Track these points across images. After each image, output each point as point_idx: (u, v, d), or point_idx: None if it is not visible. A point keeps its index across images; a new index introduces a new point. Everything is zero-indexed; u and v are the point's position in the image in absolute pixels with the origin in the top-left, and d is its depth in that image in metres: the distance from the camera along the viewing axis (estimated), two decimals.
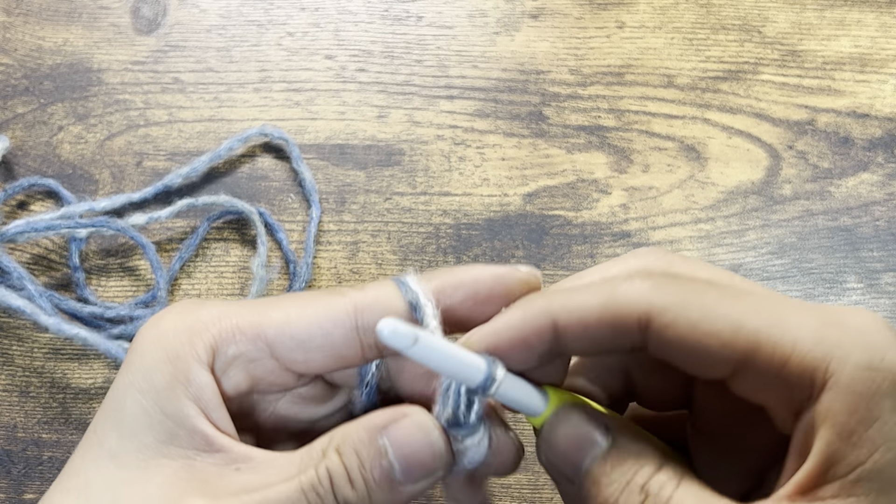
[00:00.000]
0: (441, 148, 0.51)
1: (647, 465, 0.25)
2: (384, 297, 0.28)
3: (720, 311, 0.24)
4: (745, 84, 0.53)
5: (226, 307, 0.28)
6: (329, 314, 0.28)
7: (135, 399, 0.26)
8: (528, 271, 0.29)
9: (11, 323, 0.47)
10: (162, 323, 0.27)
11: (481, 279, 0.28)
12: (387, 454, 0.26)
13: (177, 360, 0.26)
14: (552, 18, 0.55)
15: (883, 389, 0.23)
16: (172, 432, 0.26)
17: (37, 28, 0.54)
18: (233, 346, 0.27)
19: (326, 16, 0.55)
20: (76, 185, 0.50)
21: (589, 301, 0.25)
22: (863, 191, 0.50)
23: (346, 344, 0.28)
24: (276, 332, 0.27)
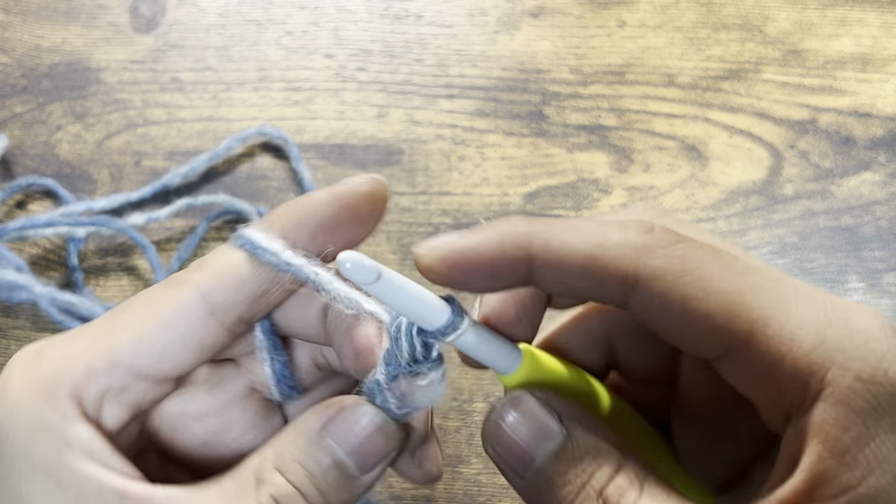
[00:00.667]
0: (441, 147, 0.51)
1: (605, 464, 0.23)
2: (227, 266, 0.25)
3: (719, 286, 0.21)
4: (747, 83, 0.53)
5: (68, 347, 0.25)
6: (177, 311, 0.25)
7: (27, 484, 0.24)
8: (367, 180, 0.26)
9: (10, 323, 0.47)
10: (10, 394, 0.24)
11: (321, 208, 0.26)
12: (336, 454, 0.24)
13: (45, 430, 0.24)
14: (552, 17, 0.54)
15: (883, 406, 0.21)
16: (79, 502, 0.24)
17: (35, 27, 0.54)
18: (93, 386, 0.25)
19: (325, 15, 0.54)
20: (74, 185, 0.50)
21: (575, 244, 0.22)
22: (864, 190, 0.50)
23: (207, 333, 0.25)
24: (131, 352, 0.25)
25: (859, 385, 0.21)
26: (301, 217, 0.26)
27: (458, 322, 0.24)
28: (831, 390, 0.21)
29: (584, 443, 0.23)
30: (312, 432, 0.25)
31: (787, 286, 0.22)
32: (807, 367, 0.21)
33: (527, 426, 0.24)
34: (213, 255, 0.26)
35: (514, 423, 0.24)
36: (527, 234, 0.23)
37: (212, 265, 0.26)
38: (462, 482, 0.43)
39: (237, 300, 0.25)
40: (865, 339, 0.21)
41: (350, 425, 0.25)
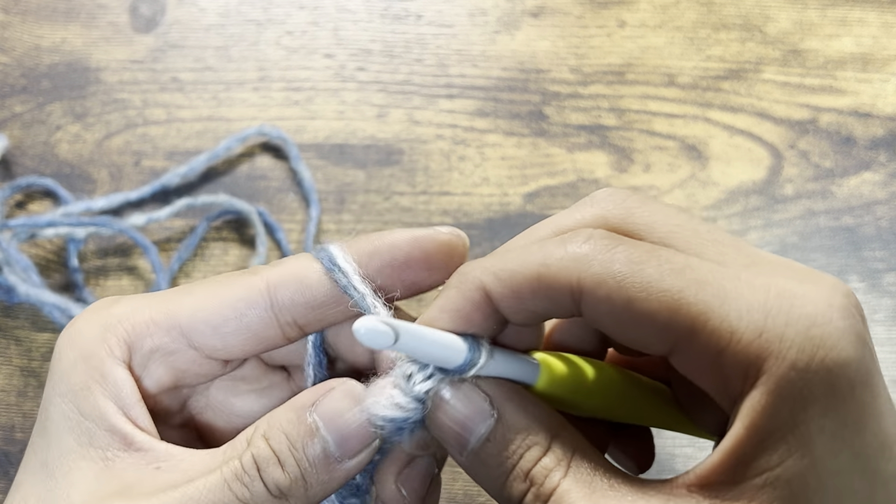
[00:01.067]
0: (441, 147, 0.51)
1: (533, 446, 0.24)
2: (298, 270, 0.27)
3: (658, 286, 0.22)
4: (747, 83, 0.53)
5: (139, 300, 0.27)
6: (241, 295, 0.26)
7: (56, 404, 0.26)
8: (448, 232, 0.27)
9: (9, 323, 0.47)
10: (76, 323, 0.26)
11: (398, 245, 0.27)
12: (318, 430, 0.25)
13: (90, 359, 0.26)
14: (553, 17, 0.54)
15: (814, 393, 0.21)
16: (91, 433, 0.25)
17: (35, 27, 0.54)
18: (148, 339, 0.26)
19: (325, 14, 0.54)
20: (74, 185, 0.50)
21: (521, 270, 0.24)
22: (865, 190, 0.50)
23: (263, 324, 0.27)
24: (189, 319, 0.26)
25: (793, 373, 0.21)
26: (377, 248, 0.27)
27: (477, 357, 0.25)
28: (765, 379, 0.21)
29: (513, 425, 0.24)
30: (303, 407, 0.25)
31: (729, 277, 0.23)
32: (745, 358, 0.22)
33: (461, 409, 0.25)
34: (291, 257, 0.27)
35: (449, 407, 0.25)
36: (479, 275, 0.24)
37: (285, 265, 0.27)
38: (462, 482, 0.43)
39: (297, 302, 0.26)
40: (806, 325, 0.22)
41: (335, 405, 0.25)
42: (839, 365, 0.21)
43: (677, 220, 0.25)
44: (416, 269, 0.27)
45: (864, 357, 0.22)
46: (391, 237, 0.27)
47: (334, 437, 0.25)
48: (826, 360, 0.21)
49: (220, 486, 0.24)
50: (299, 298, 0.26)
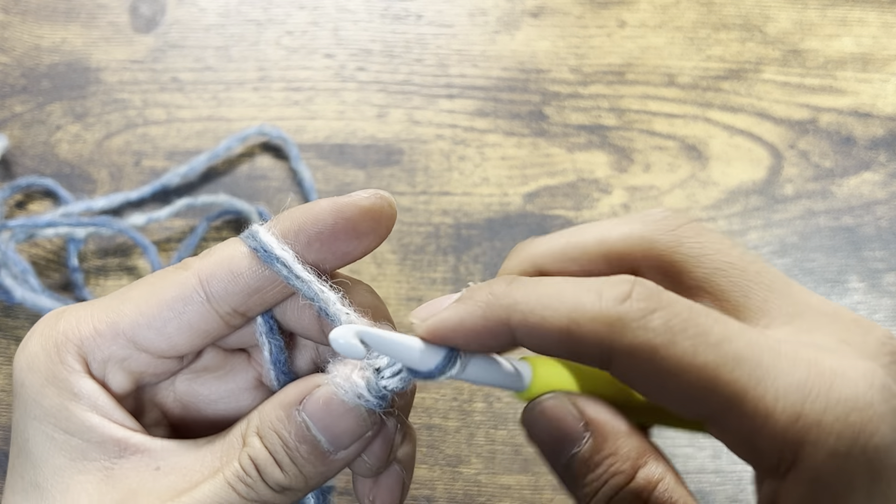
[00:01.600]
0: (441, 147, 0.51)
1: (619, 474, 0.24)
2: (228, 259, 0.26)
3: (693, 361, 0.21)
4: (747, 83, 0.53)
5: (80, 311, 0.27)
6: (177, 294, 0.26)
7: (34, 427, 0.26)
8: (370, 195, 0.27)
9: (9, 323, 0.47)
10: (29, 346, 0.27)
11: (321, 218, 0.26)
12: (309, 429, 0.25)
13: (55, 380, 0.26)
14: (552, 17, 0.54)
15: (855, 481, 0.21)
16: (82, 449, 0.26)
17: (35, 27, 0.54)
18: (97, 350, 0.26)
19: (325, 14, 0.54)
20: (74, 185, 0.50)
21: (551, 319, 0.23)
22: (865, 190, 0.50)
23: (203, 318, 0.27)
24: (131, 325, 0.26)
25: (832, 462, 0.20)
26: (302, 223, 0.26)
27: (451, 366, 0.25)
28: (804, 466, 0.21)
29: (602, 449, 0.24)
30: (290, 405, 0.26)
31: (768, 350, 0.22)
32: (782, 442, 0.21)
33: (557, 427, 0.25)
34: (219, 245, 0.27)
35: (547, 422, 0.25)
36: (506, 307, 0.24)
37: (214, 255, 0.27)
38: (462, 482, 0.43)
39: (232, 291, 0.26)
40: (845, 410, 0.21)
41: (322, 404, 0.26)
42: (880, 451, 0.21)
43: (727, 258, 0.25)
44: (344, 240, 0.27)
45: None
46: (313, 210, 0.26)
47: (326, 435, 0.26)
48: (867, 448, 0.21)
49: (225, 489, 0.25)
50: (233, 288, 0.26)
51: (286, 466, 0.25)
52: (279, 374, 0.29)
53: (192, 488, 0.25)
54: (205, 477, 0.25)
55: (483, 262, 0.48)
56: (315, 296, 0.26)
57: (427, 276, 0.48)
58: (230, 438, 0.26)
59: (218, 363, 0.30)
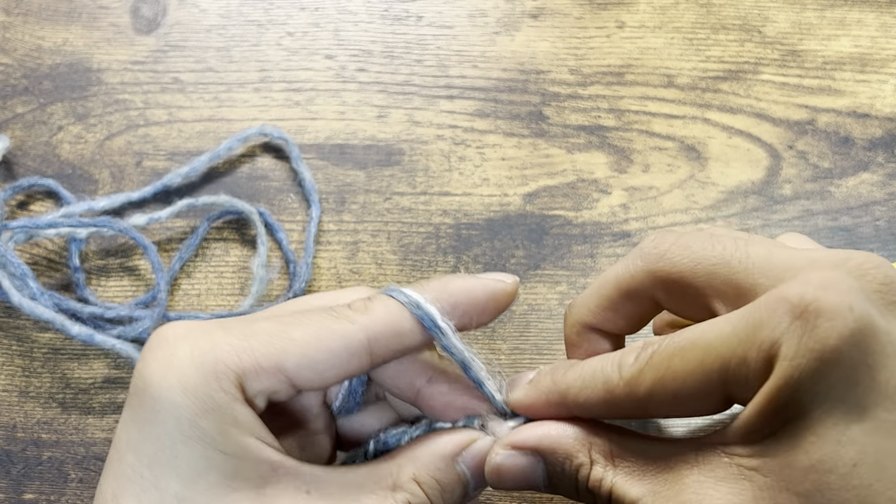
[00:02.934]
0: (441, 148, 0.51)
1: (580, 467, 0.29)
2: (393, 321, 0.30)
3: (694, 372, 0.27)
4: (746, 84, 0.53)
5: (237, 341, 0.28)
6: (344, 344, 0.29)
7: (190, 447, 0.27)
8: (513, 282, 0.32)
9: (11, 323, 0.47)
10: (178, 366, 0.27)
11: (476, 298, 0.31)
12: (465, 476, 0.30)
13: (217, 408, 0.27)
14: (552, 18, 0.55)
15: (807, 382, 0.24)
16: (237, 468, 0.27)
17: (36, 28, 0.54)
18: (256, 383, 0.28)
19: (326, 15, 0.55)
20: (76, 185, 0.50)
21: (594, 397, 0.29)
22: (863, 191, 0.50)
23: (360, 366, 0.30)
24: (295, 366, 0.28)
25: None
26: (457, 299, 0.31)
27: None
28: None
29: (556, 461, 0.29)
30: (449, 456, 0.30)
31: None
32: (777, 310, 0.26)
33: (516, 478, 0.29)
34: (377, 303, 0.30)
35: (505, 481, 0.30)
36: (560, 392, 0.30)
37: (380, 313, 0.30)
38: None
39: (392, 349, 0.30)
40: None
41: (480, 455, 0.30)
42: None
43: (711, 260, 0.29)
44: (486, 315, 0.31)
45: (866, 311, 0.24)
46: (468, 287, 0.31)
47: (474, 482, 0.30)
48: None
49: None
50: (394, 346, 0.30)
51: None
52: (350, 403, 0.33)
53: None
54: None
55: (483, 263, 0.48)
56: (468, 366, 0.31)
57: (427, 276, 0.48)
58: (377, 477, 0.29)
59: None
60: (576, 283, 0.48)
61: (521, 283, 0.47)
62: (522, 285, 0.48)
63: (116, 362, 0.46)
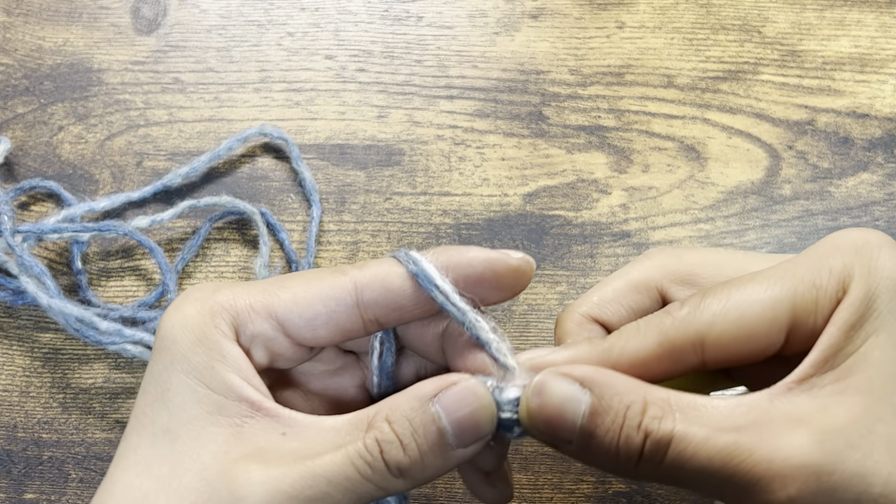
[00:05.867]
0: (441, 148, 0.51)
1: (633, 403, 0.27)
2: (384, 274, 0.30)
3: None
4: (745, 84, 0.53)
5: (238, 289, 0.30)
6: (332, 293, 0.29)
7: (179, 380, 0.28)
8: (519, 259, 0.30)
9: (11, 323, 0.47)
10: (184, 308, 0.29)
11: (473, 264, 0.30)
12: (440, 419, 0.28)
13: (207, 341, 0.28)
14: (552, 18, 0.55)
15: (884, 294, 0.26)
16: (219, 404, 0.28)
17: (37, 28, 0.54)
18: (250, 325, 0.29)
19: (326, 16, 0.55)
20: (76, 185, 0.50)
21: None
22: (862, 191, 0.50)
23: (349, 319, 0.30)
24: (285, 310, 0.29)
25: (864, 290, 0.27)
26: (456, 263, 0.30)
27: None
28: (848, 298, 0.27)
29: (608, 393, 0.27)
30: (425, 397, 0.28)
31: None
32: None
33: (556, 402, 0.27)
34: (375, 260, 0.30)
35: (545, 405, 0.28)
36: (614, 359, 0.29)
37: (372, 267, 0.30)
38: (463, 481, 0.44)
39: (380, 303, 0.30)
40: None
41: (457, 398, 0.28)
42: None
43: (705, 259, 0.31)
44: (486, 288, 0.30)
45: None
46: (467, 255, 0.30)
47: (453, 428, 0.28)
48: None
49: (346, 463, 0.27)
50: (383, 301, 0.30)
51: (410, 451, 0.28)
52: (383, 379, 0.33)
53: (315, 457, 0.27)
54: (327, 450, 0.27)
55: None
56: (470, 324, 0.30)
57: None
58: (355, 421, 0.28)
59: (332, 359, 0.34)
60: (576, 283, 0.48)
61: None
62: None
63: (117, 362, 0.46)
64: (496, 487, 0.32)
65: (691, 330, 0.27)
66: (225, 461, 0.27)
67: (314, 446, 0.28)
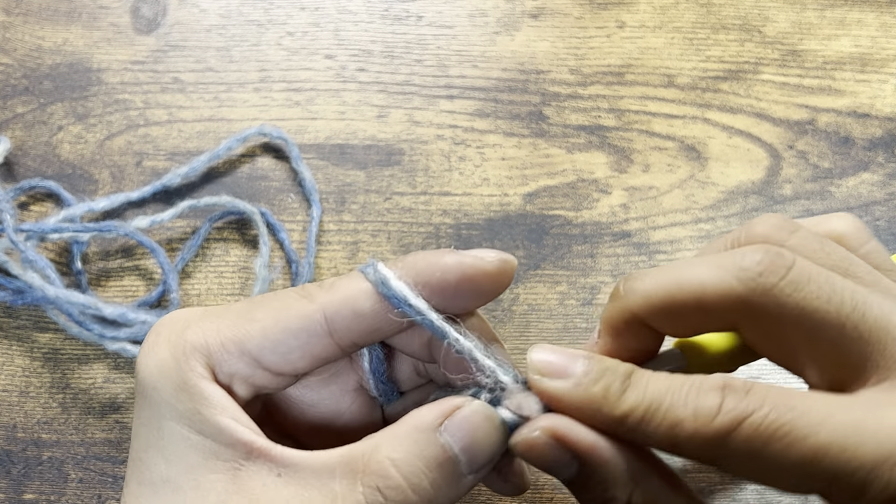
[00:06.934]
0: (441, 148, 0.51)
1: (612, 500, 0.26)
2: (351, 297, 0.28)
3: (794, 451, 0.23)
4: (746, 84, 0.53)
5: (207, 324, 0.29)
6: (302, 325, 0.28)
7: (170, 428, 0.27)
8: (495, 261, 0.28)
9: (11, 323, 0.47)
10: (157, 351, 0.28)
11: (447, 277, 0.28)
12: (451, 449, 0.26)
13: (187, 386, 0.27)
14: (552, 18, 0.55)
15: None
16: (213, 449, 0.27)
17: (36, 28, 0.54)
18: (224, 364, 0.28)
19: (326, 15, 0.55)
20: (76, 185, 0.50)
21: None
22: (863, 191, 0.50)
23: (324, 349, 0.29)
24: (257, 346, 0.28)
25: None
26: (426, 274, 0.28)
27: None
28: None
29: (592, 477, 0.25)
30: (429, 427, 0.26)
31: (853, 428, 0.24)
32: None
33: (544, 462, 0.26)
34: (343, 280, 0.29)
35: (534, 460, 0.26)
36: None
37: (339, 291, 0.28)
38: None
39: (354, 329, 0.28)
40: None
41: (467, 423, 0.26)
42: None
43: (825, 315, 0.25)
44: (464, 297, 0.28)
45: None
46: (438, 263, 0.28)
47: (466, 456, 0.26)
48: None
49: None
50: (356, 327, 0.28)
51: (422, 491, 0.26)
52: (378, 383, 0.32)
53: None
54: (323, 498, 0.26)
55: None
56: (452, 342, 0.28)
57: None
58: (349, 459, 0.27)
59: (323, 369, 0.32)
60: (576, 283, 0.48)
61: (521, 284, 0.47)
62: (522, 285, 0.48)
63: (116, 362, 0.46)
64: (511, 482, 0.30)
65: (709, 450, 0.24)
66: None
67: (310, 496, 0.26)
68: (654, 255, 0.49)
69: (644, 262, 0.49)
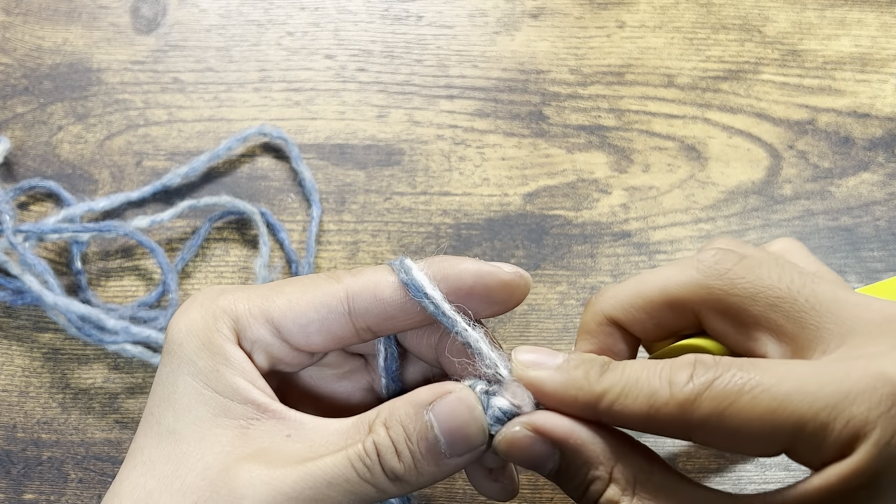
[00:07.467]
0: (441, 148, 0.51)
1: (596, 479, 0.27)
2: (375, 284, 0.30)
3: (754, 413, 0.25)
4: (746, 84, 0.53)
5: (239, 294, 0.31)
6: (324, 300, 0.30)
7: (185, 382, 0.29)
8: (511, 273, 0.30)
9: (11, 323, 0.47)
10: (190, 312, 0.30)
11: (464, 277, 0.30)
12: (433, 428, 0.28)
13: (212, 345, 0.29)
14: (552, 18, 0.55)
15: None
16: (225, 406, 0.29)
17: (36, 28, 0.54)
18: (249, 330, 0.30)
19: (326, 15, 0.55)
20: (76, 185, 0.50)
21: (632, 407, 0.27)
22: (863, 190, 0.50)
23: (341, 327, 0.30)
24: (280, 316, 0.30)
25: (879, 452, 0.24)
26: (445, 275, 0.30)
27: None
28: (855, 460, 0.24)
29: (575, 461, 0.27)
30: (421, 404, 0.28)
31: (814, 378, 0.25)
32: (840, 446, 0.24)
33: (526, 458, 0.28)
34: (370, 268, 0.31)
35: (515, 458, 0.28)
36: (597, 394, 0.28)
37: (364, 276, 0.30)
38: (462, 481, 0.44)
39: (371, 312, 0.30)
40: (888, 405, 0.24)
41: (450, 407, 0.28)
42: None
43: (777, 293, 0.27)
44: (476, 301, 0.30)
45: None
46: (458, 266, 0.30)
47: (446, 437, 0.28)
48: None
49: (346, 465, 0.28)
50: (374, 310, 0.30)
51: (404, 458, 0.28)
52: (389, 382, 0.33)
53: (316, 458, 0.28)
54: (329, 452, 0.28)
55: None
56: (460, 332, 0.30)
57: None
58: (357, 424, 0.29)
59: (339, 363, 0.34)
60: (576, 283, 0.48)
61: None
62: None
63: (116, 363, 0.46)
64: (500, 483, 0.32)
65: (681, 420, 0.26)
66: (228, 461, 0.28)
67: (317, 448, 0.28)
68: (654, 255, 0.49)
69: (644, 262, 0.49)
